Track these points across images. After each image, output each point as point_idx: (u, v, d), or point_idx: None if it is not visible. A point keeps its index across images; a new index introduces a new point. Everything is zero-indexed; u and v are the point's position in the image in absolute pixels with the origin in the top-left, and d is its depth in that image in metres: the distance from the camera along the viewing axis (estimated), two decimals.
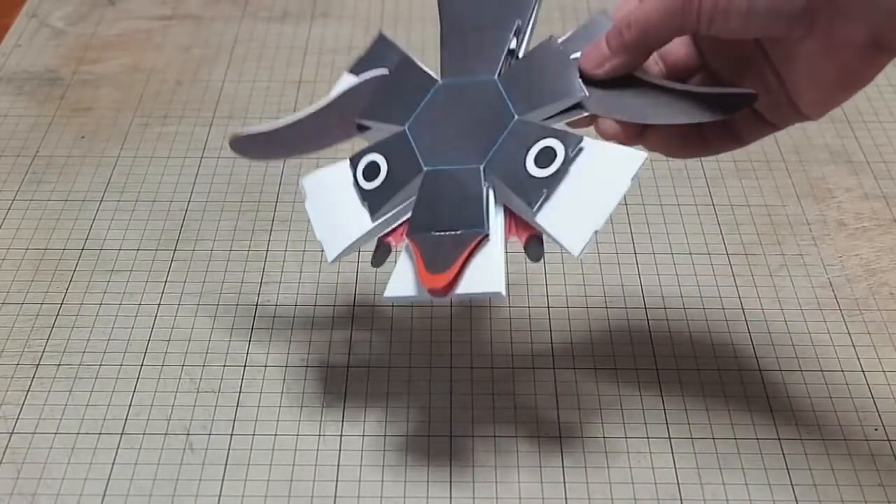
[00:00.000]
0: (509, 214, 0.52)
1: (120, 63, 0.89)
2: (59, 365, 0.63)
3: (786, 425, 0.59)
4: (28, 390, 0.61)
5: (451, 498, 0.56)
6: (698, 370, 0.63)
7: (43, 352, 0.64)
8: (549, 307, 0.67)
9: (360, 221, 0.55)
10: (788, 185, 0.76)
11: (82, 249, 0.71)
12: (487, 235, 0.51)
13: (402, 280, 0.53)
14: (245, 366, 0.63)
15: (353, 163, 0.55)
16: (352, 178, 0.55)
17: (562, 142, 0.51)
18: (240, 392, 0.61)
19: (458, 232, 0.51)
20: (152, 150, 0.80)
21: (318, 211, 0.56)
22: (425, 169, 0.53)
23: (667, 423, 0.59)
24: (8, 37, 0.92)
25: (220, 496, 0.56)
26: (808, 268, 0.69)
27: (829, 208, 0.74)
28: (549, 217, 0.50)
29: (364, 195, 0.55)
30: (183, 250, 0.71)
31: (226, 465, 0.57)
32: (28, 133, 0.81)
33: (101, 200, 0.75)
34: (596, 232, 0.49)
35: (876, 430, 0.59)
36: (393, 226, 0.54)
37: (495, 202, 0.52)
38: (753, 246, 0.71)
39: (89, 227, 0.73)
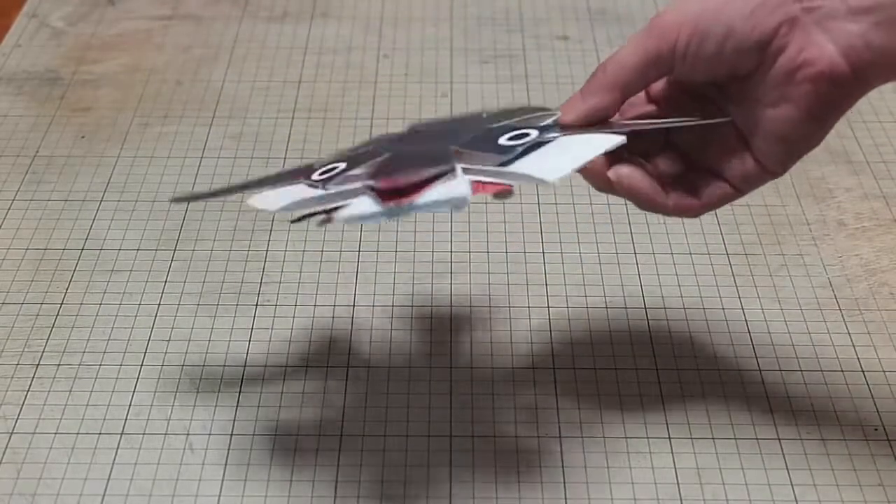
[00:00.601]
0: (477, 182, 0.49)
1: (120, 63, 0.89)
2: (58, 365, 0.63)
3: (786, 425, 0.59)
4: (28, 390, 0.61)
5: (450, 498, 0.56)
6: (698, 370, 0.63)
7: (43, 352, 0.64)
8: (549, 307, 0.67)
9: (307, 192, 0.51)
10: (788, 185, 0.76)
11: (82, 249, 0.71)
12: (454, 170, 0.49)
13: (356, 207, 0.49)
14: (245, 366, 0.63)
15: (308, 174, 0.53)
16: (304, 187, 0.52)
17: (537, 129, 0.51)
18: (240, 392, 0.61)
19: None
20: (152, 150, 0.80)
21: (264, 198, 0.53)
22: (391, 152, 0.52)
23: (667, 423, 0.59)
24: (8, 37, 0.92)
25: (219, 496, 0.56)
26: (807, 268, 0.69)
27: (829, 208, 0.74)
28: (522, 166, 0.49)
29: (316, 182, 0.51)
30: (183, 250, 0.71)
31: (226, 465, 0.57)
32: (28, 133, 0.81)
33: (101, 200, 0.75)
34: (573, 169, 0.48)
35: (876, 430, 0.59)
36: (341, 202, 0.50)
37: (462, 172, 0.49)
38: (753, 246, 0.71)
39: (89, 227, 0.73)
